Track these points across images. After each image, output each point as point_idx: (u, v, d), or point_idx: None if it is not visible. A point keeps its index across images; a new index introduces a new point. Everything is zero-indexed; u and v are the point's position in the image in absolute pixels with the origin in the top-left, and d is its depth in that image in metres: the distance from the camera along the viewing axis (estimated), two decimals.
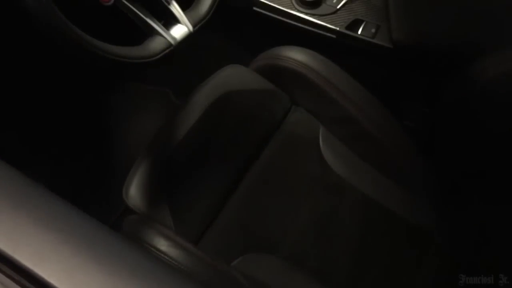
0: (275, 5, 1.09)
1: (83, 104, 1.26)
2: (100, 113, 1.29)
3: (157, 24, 0.73)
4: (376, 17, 1.05)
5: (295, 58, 0.94)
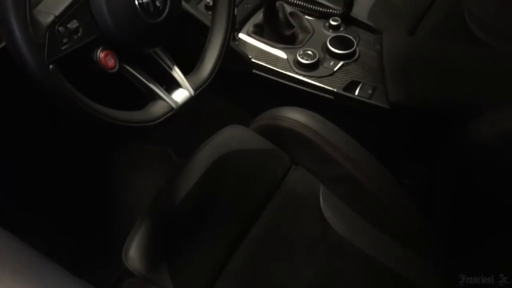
0: (274, 68, 1.13)
1: (84, 163, 1.27)
2: (101, 172, 1.30)
3: (159, 88, 0.74)
4: (373, 79, 1.08)
5: (294, 118, 0.96)
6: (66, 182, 1.23)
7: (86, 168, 1.27)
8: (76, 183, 1.24)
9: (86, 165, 1.27)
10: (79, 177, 1.25)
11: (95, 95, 0.70)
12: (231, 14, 0.85)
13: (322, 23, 1.23)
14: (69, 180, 1.23)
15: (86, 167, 1.27)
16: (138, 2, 0.66)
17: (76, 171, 1.25)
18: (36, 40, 0.56)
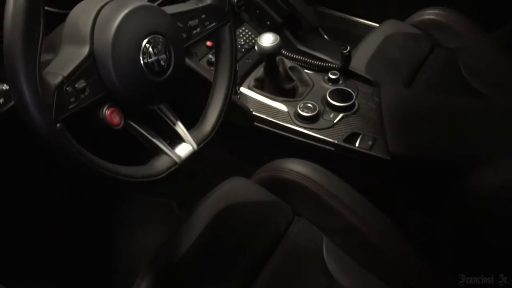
0: (275, 120, 1.15)
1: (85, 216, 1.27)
2: (102, 225, 1.30)
3: (162, 143, 0.76)
4: (373, 130, 1.10)
5: (296, 170, 0.97)
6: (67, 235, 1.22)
7: (88, 220, 1.27)
8: (77, 235, 1.24)
9: (88, 218, 1.27)
10: (81, 229, 1.25)
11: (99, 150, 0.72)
12: (233, 70, 0.87)
13: (321, 76, 1.26)
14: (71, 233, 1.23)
15: (88, 220, 1.27)
16: (143, 62, 0.68)
17: (78, 223, 1.25)
18: (45, 100, 0.58)
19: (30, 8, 0.56)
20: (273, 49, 1.12)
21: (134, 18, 0.68)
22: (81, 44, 0.65)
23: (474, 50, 1.47)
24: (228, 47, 0.87)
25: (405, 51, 1.44)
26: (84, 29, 0.66)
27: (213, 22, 0.83)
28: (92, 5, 0.68)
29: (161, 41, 0.70)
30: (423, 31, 1.52)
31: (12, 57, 0.56)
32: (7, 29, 0.56)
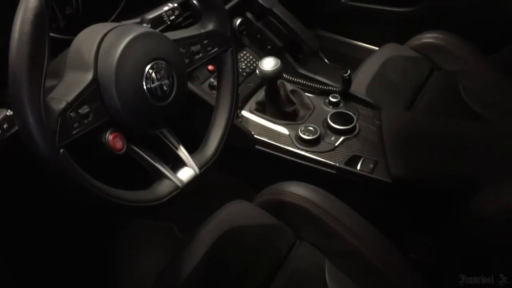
0: (276, 143, 1.16)
1: (86, 240, 1.26)
2: (103, 249, 1.29)
3: (164, 168, 0.76)
4: (374, 153, 1.11)
5: (297, 193, 0.97)
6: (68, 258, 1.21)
7: (88, 244, 1.26)
8: (77, 259, 1.23)
9: (88, 241, 1.26)
10: (81, 252, 1.24)
11: (101, 174, 0.72)
12: (235, 94, 0.88)
13: (322, 99, 1.27)
14: (71, 256, 1.22)
15: (88, 243, 1.26)
16: (146, 87, 0.69)
17: (79, 247, 1.24)
18: (49, 126, 0.59)
19: (36, 35, 0.57)
20: (274, 73, 1.13)
21: (137, 45, 0.69)
22: (85, 70, 0.66)
23: (473, 73, 1.48)
24: (230, 72, 0.88)
25: (405, 74, 1.45)
26: (88, 55, 0.67)
27: (215, 47, 0.84)
28: (96, 32, 0.69)
29: (164, 67, 0.71)
30: (423, 54, 1.53)
31: (17, 83, 0.57)
32: (13, 55, 0.57)
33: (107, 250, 1.29)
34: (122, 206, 0.68)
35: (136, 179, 0.80)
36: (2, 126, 0.66)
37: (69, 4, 0.91)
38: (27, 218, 1.10)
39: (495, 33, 1.62)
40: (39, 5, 0.57)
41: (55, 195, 0.87)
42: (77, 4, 0.92)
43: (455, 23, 1.61)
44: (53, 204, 1.10)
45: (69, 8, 0.91)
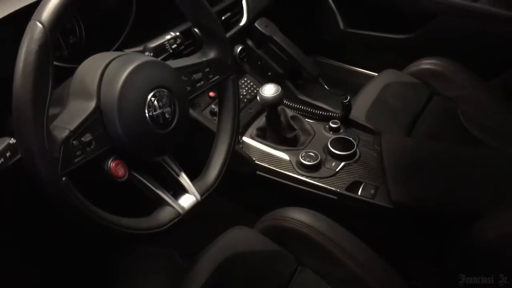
0: (277, 169, 1.16)
1: (86, 266, 1.25)
2: (102, 275, 1.28)
3: (166, 194, 0.76)
4: (374, 179, 1.11)
5: (299, 219, 0.97)
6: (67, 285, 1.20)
7: (88, 270, 1.25)
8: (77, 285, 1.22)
9: (88, 267, 1.25)
10: (81, 279, 1.23)
11: (103, 201, 0.72)
12: (236, 121, 0.89)
13: (323, 125, 1.28)
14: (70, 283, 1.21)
15: (88, 269, 1.25)
16: (148, 115, 0.70)
17: (78, 272, 1.23)
18: (51, 154, 0.59)
19: (40, 66, 0.58)
20: (275, 100, 1.14)
21: (140, 73, 0.70)
22: (88, 99, 0.67)
23: (472, 98, 1.49)
24: (231, 99, 0.89)
25: (404, 100, 1.47)
26: (91, 84, 0.68)
27: (217, 75, 0.86)
28: (99, 61, 0.71)
29: (166, 95, 0.72)
30: (421, 80, 1.55)
31: (20, 112, 0.58)
32: (17, 85, 0.58)
33: (106, 276, 1.28)
34: (124, 233, 0.68)
35: (137, 206, 0.80)
36: (5, 154, 0.66)
37: (72, 33, 0.93)
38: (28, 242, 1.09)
39: (492, 59, 1.64)
40: (43, 36, 0.58)
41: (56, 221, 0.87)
42: (81, 33, 0.94)
43: (453, 50, 1.63)
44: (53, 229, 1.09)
45: (73, 37, 0.93)
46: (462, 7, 1.61)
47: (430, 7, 1.67)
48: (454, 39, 1.68)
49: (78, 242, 1.20)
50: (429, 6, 1.67)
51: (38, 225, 1.05)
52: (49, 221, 1.00)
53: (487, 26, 1.59)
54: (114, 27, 0.99)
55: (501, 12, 1.55)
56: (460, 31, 1.66)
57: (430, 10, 1.67)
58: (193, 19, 0.82)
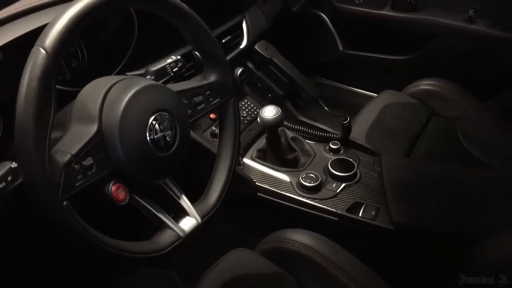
0: (278, 191, 1.16)
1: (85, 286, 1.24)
2: None
3: (167, 217, 0.76)
4: (375, 200, 1.11)
5: (300, 240, 0.97)
6: None
7: None
8: None
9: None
10: None
11: (103, 224, 0.72)
12: (236, 144, 0.89)
13: (323, 146, 1.29)
14: None
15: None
16: (149, 138, 0.70)
17: None
18: (53, 178, 0.60)
19: (43, 91, 0.59)
20: (275, 121, 1.14)
21: (141, 97, 0.71)
22: (90, 123, 0.68)
23: (471, 118, 1.50)
24: (232, 121, 0.89)
25: (404, 121, 1.47)
26: (93, 108, 0.68)
27: (217, 98, 0.86)
28: (101, 85, 0.71)
29: (167, 118, 0.73)
30: (420, 101, 1.56)
31: (23, 137, 0.58)
32: (20, 110, 0.58)
33: None
34: (124, 257, 0.67)
35: (138, 228, 0.80)
36: (6, 178, 0.66)
37: (75, 57, 0.94)
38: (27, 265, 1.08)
39: (490, 80, 1.66)
40: (46, 62, 0.59)
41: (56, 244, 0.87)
42: (83, 57, 0.95)
43: (451, 70, 1.65)
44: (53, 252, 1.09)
45: (75, 61, 0.94)
46: (459, 29, 1.63)
47: (428, 29, 1.69)
48: (452, 60, 1.69)
49: (76, 262, 1.19)
50: (427, 28, 1.69)
51: (37, 248, 1.04)
52: (48, 244, 0.99)
53: (484, 47, 1.61)
54: (116, 51, 1.00)
55: (498, 33, 1.57)
56: (458, 52, 1.67)
57: (428, 31, 1.70)
58: (194, 43, 0.83)
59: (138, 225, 0.79)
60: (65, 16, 0.62)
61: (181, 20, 0.79)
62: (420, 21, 1.70)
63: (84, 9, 0.63)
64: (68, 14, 0.62)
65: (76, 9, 0.63)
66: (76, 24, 0.62)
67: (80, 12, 0.63)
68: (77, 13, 0.62)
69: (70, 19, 0.62)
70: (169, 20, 0.78)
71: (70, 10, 0.63)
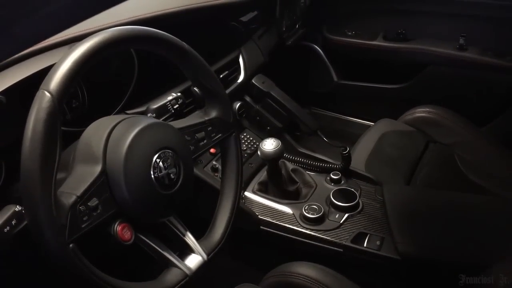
0: (281, 223, 1.15)
1: None
2: None
3: (172, 256, 0.75)
4: (379, 229, 1.10)
5: (305, 274, 0.95)
6: None
7: None
8: None
9: None
10: None
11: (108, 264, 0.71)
12: (239, 178, 0.89)
13: (324, 177, 1.29)
14: None
15: None
16: (154, 176, 0.70)
17: None
18: (59, 221, 0.59)
19: (49, 134, 0.59)
20: (275, 154, 1.14)
21: (145, 136, 0.71)
22: (94, 163, 0.68)
23: (468, 144, 1.51)
24: (234, 156, 0.89)
25: (402, 148, 1.48)
26: (97, 148, 0.69)
27: (219, 133, 0.87)
28: (104, 125, 0.72)
29: (171, 155, 0.73)
30: (417, 128, 1.57)
31: (29, 180, 0.58)
32: (26, 153, 0.58)
33: None
34: None
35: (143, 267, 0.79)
36: (11, 222, 0.66)
37: (75, 98, 0.94)
38: None
39: (484, 106, 1.68)
40: (52, 105, 0.59)
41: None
42: (83, 97, 0.96)
43: (445, 97, 1.67)
44: None
45: (76, 101, 0.94)
46: (451, 57, 1.66)
47: (421, 58, 1.72)
48: (446, 87, 1.72)
49: None
50: (420, 57, 1.73)
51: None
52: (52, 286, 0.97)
53: (477, 73, 1.64)
54: (116, 90, 1.01)
55: (489, 59, 1.61)
56: (451, 79, 1.70)
57: (421, 60, 1.73)
58: (195, 80, 0.84)
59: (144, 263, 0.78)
60: (69, 59, 0.63)
61: (181, 59, 0.80)
62: (412, 50, 1.74)
63: (87, 52, 0.64)
64: (72, 57, 0.63)
65: (79, 52, 0.64)
66: (80, 66, 0.63)
67: (83, 55, 0.64)
68: (80, 56, 0.63)
69: (74, 62, 0.62)
70: (170, 59, 0.79)
71: (74, 53, 0.63)
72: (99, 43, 0.65)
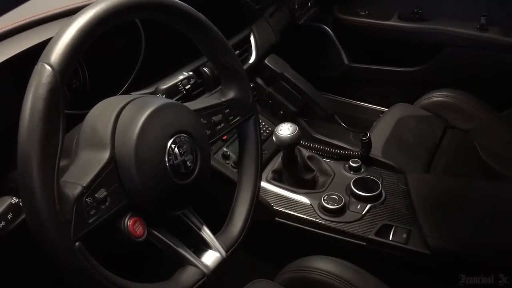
0: (298, 215, 1.08)
1: None
2: None
3: (188, 252, 0.68)
4: (405, 221, 1.03)
5: (325, 269, 0.89)
6: None
7: None
8: None
9: None
10: None
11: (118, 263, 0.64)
12: (259, 166, 0.82)
13: (342, 165, 1.21)
14: None
15: None
16: (168, 164, 0.62)
17: None
18: (63, 216, 0.51)
19: (50, 114, 0.51)
20: (292, 140, 1.07)
21: (158, 118, 0.63)
22: (101, 149, 0.60)
23: (488, 130, 1.45)
24: (254, 142, 0.82)
25: (419, 134, 1.42)
26: (104, 132, 0.60)
27: (237, 116, 0.79)
28: (112, 106, 0.63)
29: (187, 141, 0.65)
30: (434, 113, 1.51)
31: (27, 168, 0.50)
32: (23, 135, 0.50)
33: None
34: None
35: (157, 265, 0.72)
36: (6, 216, 0.58)
37: (76, 78, 0.86)
38: None
39: (504, 89, 1.61)
40: (53, 80, 0.51)
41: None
42: (84, 77, 0.87)
43: (463, 81, 1.61)
44: None
45: (76, 82, 0.86)
46: (471, 37, 1.59)
47: (438, 39, 1.65)
48: (464, 70, 1.65)
49: None
50: (437, 38, 1.65)
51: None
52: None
53: (498, 55, 1.58)
54: (121, 68, 0.92)
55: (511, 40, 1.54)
56: (470, 61, 1.64)
57: (438, 41, 1.66)
58: (211, 57, 0.75)
59: (156, 261, 0.71)
60: (73, 27, 0.54)
61: (197, 31, 0.71)
62: (429, 30, 1.67)
63: (93, 20, 0.56)
64: (75, 25, 0.54)
65: (84, 19, 0.55)
66: (85, 36, 0.55)
67: (89, 22, 0.55)
68: (85, 24, 0.55)
69: (79, 31, 0.54)
70: (184, 31, 0.71)
71: (78, 20, 0.55)
72: (107, 10, 0.57)
